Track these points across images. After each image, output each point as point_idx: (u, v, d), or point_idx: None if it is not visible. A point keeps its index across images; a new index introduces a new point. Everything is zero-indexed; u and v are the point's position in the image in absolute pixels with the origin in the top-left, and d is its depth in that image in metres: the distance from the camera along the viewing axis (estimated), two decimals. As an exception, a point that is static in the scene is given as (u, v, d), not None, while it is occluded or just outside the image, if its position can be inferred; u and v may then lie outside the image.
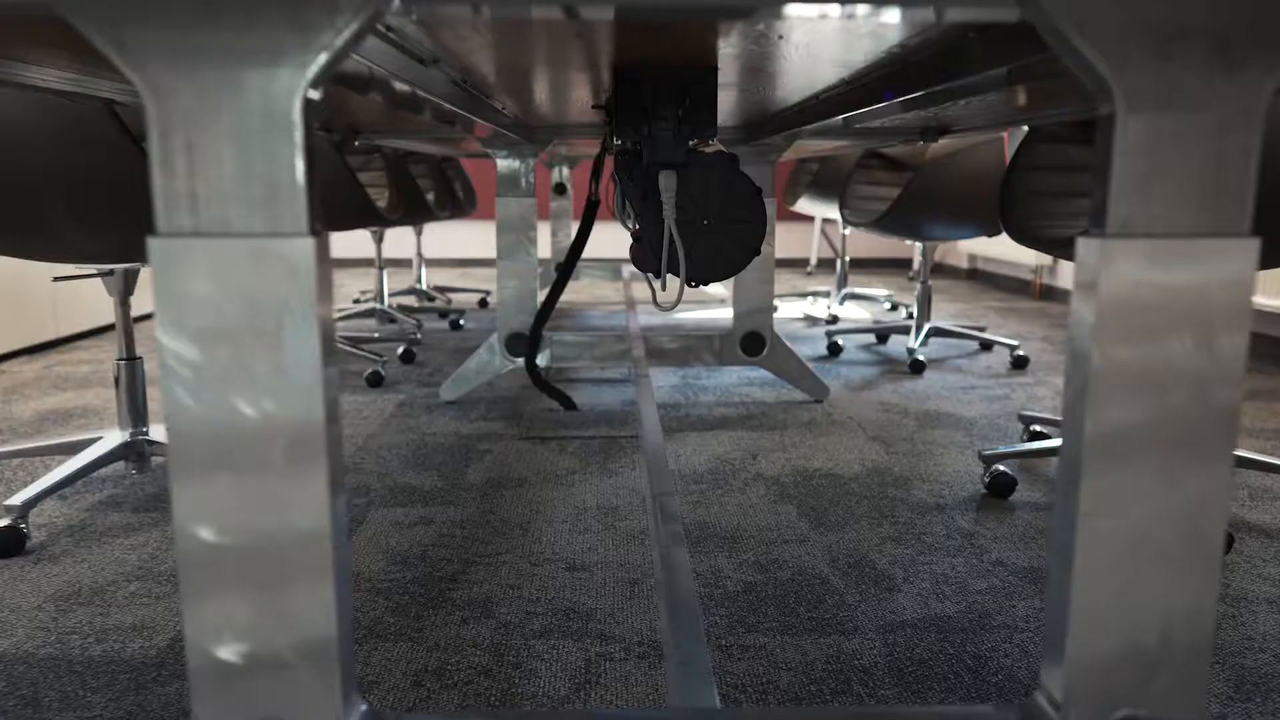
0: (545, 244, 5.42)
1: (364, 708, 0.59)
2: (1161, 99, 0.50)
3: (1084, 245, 0.53)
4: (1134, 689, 0.56)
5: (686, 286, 1.06)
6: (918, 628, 1.05)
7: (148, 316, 3.23)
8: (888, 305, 3.75)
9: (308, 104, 0.48)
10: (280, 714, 0.56)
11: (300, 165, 0.49)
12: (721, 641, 1.02)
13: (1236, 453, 1.48)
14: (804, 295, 3.95)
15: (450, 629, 1.04)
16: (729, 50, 0.90)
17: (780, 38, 0.83)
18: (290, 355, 0.51)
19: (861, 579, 1.18)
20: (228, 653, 0.54)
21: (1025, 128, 1.73)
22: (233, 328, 0.51)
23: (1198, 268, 0.52)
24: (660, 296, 3.62)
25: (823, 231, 5.49)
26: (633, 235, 1.08)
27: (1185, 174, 0.51)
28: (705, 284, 1.07)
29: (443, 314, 3.45)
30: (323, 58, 0.47)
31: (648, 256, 1.04)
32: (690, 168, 1.01)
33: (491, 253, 5.58)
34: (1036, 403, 2.13)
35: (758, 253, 1.08)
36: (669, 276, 1.06)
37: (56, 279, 1.66)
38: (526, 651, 0.99)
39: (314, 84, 0.47)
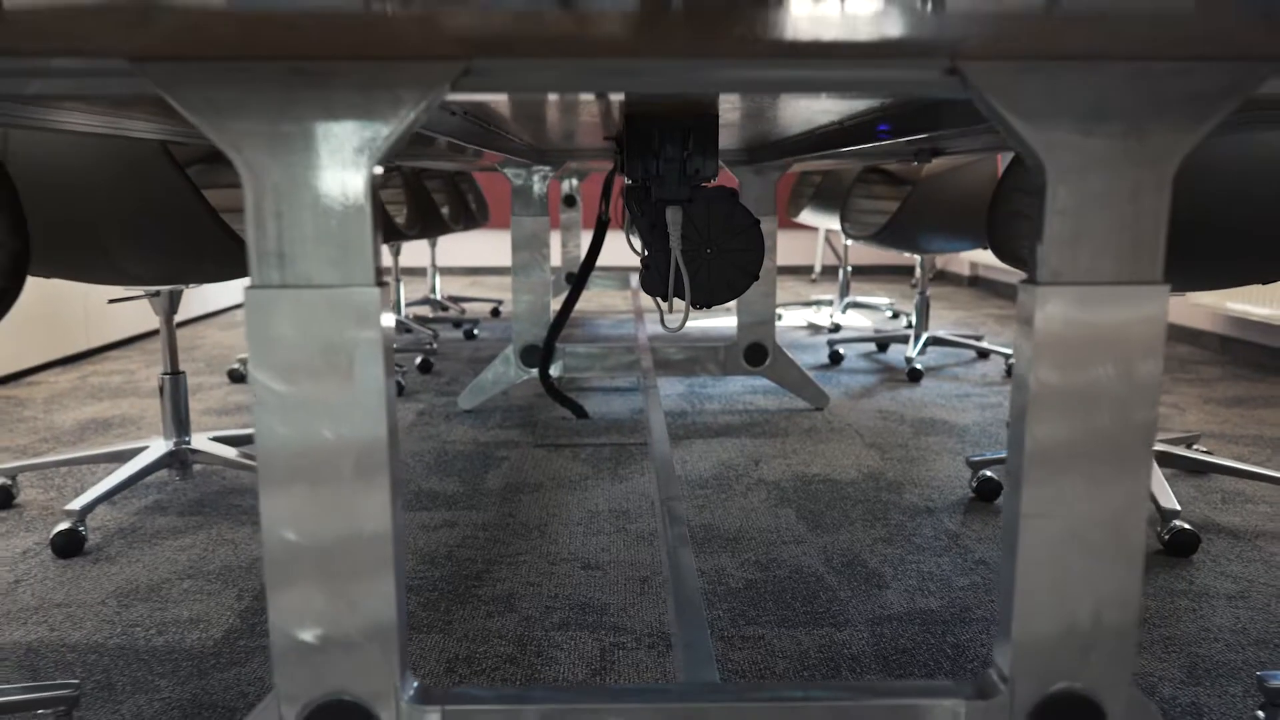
0: (556, 253, 5.53)
1: (416, 684, 0.69)
2: (1084, 169, 0.61)
3: (1023, 290, 0.63)
4: (1069, 665, 0.66)
5: (692, 309, 1.16)
6: (903, 620, 1.15)
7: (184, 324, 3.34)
8: (889, 313, 3.84)
9: (373, 177, 0.59)
10: (348, 687, 0.66)
11: (368, 228, 0.59)
12: (725, 633, 1.12)
13: (1212, 459, 1.57)
14: (808, 304, 4.04)
15: (477, 622, 1.15)
16: (728, 103, 1.01)
17: (773, 97, 0.93)
18: (359, 386, 0.61)
19: (853, 576, 1.28)
20: (305, 635, 0.65)
21: (1013, 153, 1.82)
22: (312, 363, 0.61)
23: (1117, 310, 0.62)
24: (667, 318, 3.73)
25: (826, 240, 5.58)
26: (642, 262, 1.18)
27: (1106, 232, 0.61)
28: (709, 307, 1.17)
29: (457, 324, 3.55)
30: (386, 142, 0.57)
31: (656, 282, 1.14)
32: (694, 202, 1.11)
33: (502, 261, 5.70)
34: (1028, 410, 2.22)
35: (756, 278, 1.18)
36: (675, 300, 1.16)
37: (111, 301, 1.77)
38: (547, 642, 1.10)
39: (379, 162, 0.58)
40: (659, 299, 1.16)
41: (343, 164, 0.58)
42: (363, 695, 0.66)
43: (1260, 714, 0.90)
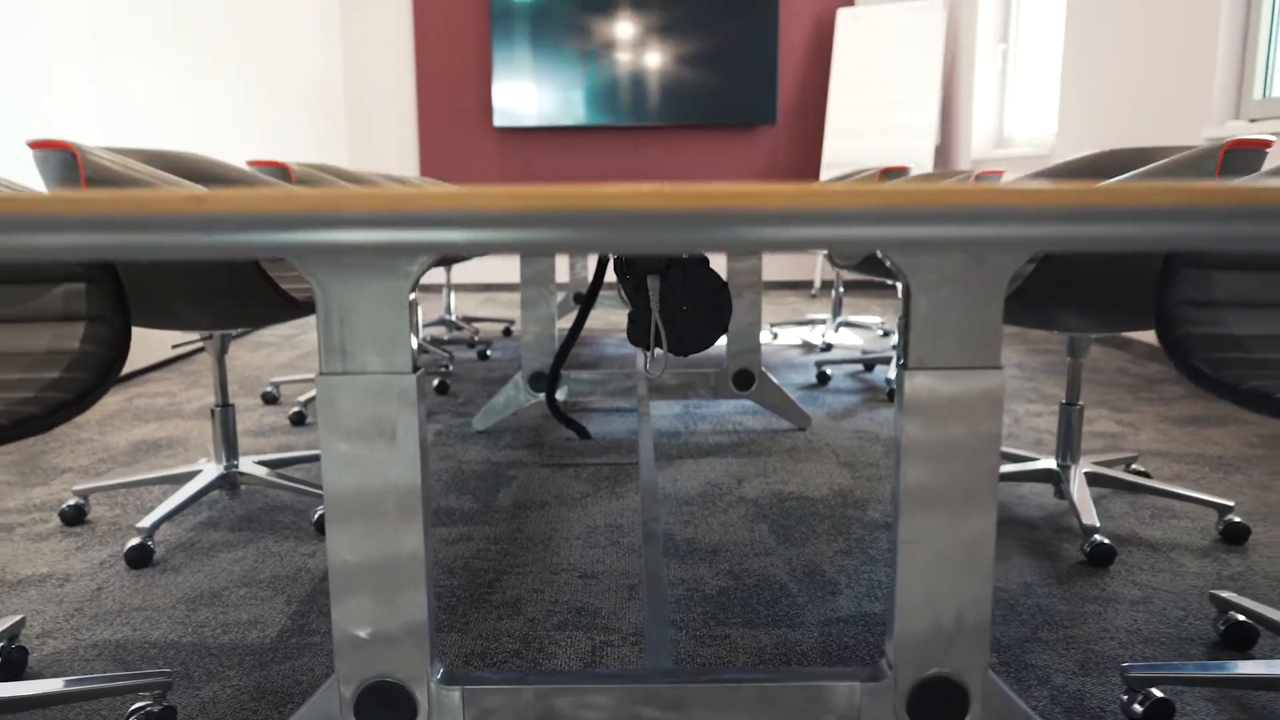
0: (564, 272, 5.75)
1: (443, 669, 0.90)
2: (939, 284, 0.81)
3: (898, 372, 0.84)
4: (939, 655, 0.87)
5: (670, 355, 1.37)
6: (849, 622, 1.35)
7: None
8: (880, 332, 4.04)
9: (410, 298, 0.81)
10: (391, 671, 0.87)
11: (406, 331, 0.81)
12: (697, 632, 1.33)
13: (1133, 479, 1.77)
14: (803, 323, 4.24)
15: (489, 623, 1.36)
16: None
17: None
18: (401, 447, 0.83)
19: (812, 585, 1.48)
20: (360, 631, 0.86)
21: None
22: (366, 430, 0.83)
23: (966, 387, 0.83)
24: (650, 365, 3.91)
25: (825, 255, 5.78)
26: (629, 317, 1.39)
27: (956, 330, 0.82)
28: (685, 356, 1.38)
29: (470, 344, 3.77)
30: (416, 273, 0.79)
31: (640, 336, 1.35)
32: (671, 269, 1.32)
33: (513, 277, 5.92)
34: (994, 430, 2.42)
35: (725, 330, 1.39)
36: (657, 350, 1.37)
37: (174, 346, 2.00)
38: (548, 640, 1.31)
39: (412, 289, 0.79)
40: (642, 348, 1.36)
41: (388, 289, 0.80)
42: (402, 678, 0.87)
43: (1124, 698, 1.10)
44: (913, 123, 5.02)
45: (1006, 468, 1.82)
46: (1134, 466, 1.99)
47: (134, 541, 1.57)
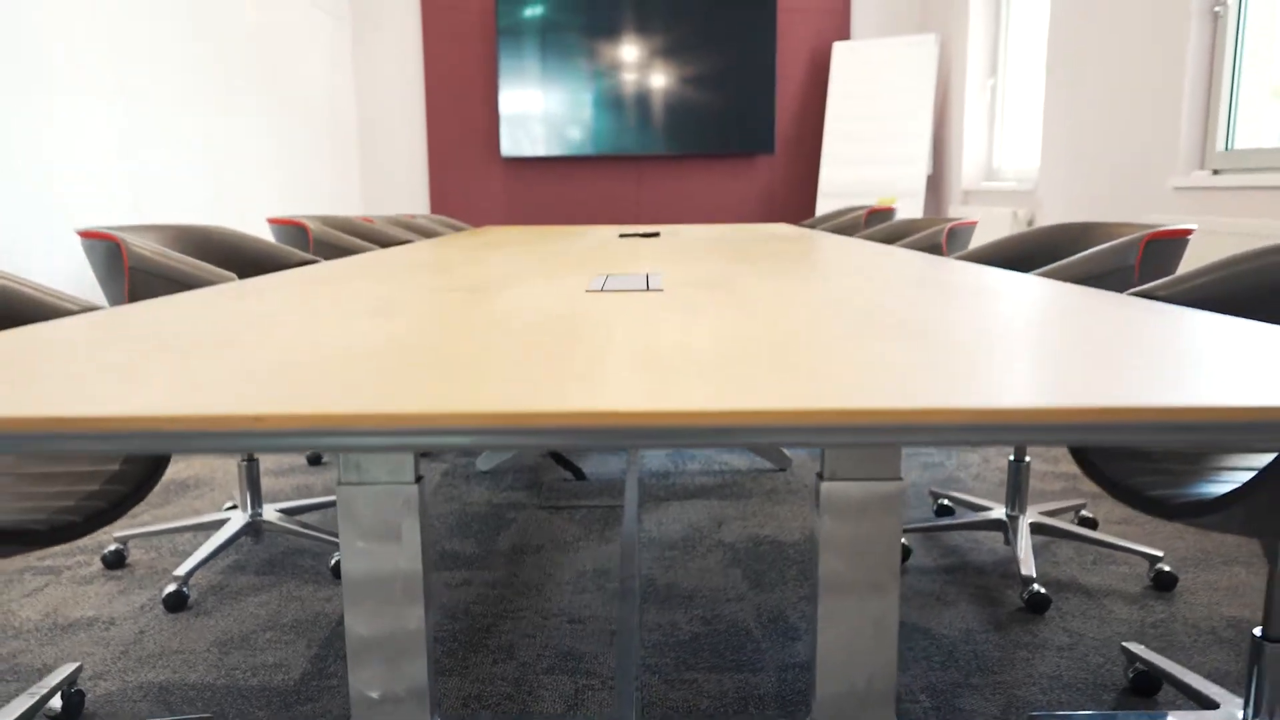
0: (569, 293, 5.93)
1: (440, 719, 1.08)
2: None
3: (815, 481, 1.01)
4: (854, 712, 1.04)
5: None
6: (805, 668, 1.53)
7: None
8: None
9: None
10: (398, 725, 1.05)
11: (410, 465, 0.99)
12: (668, 677, 1.50)
13: (1082, 531, 1.93)
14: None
15: (485, 667, 1.54)
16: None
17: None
18: (405, 543, 1.01)
19: (775, 630, 1.66)
20: (372, 692, 1.04)
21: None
22: (377, 528, 1.01)
23: (871, 493, 1.00)
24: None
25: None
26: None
27: (863, 454, 0.99)
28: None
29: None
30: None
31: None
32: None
33: (520, 301, 6.10)
34: (953, 481, 2.59)
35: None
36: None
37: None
38: (536, 684, 1.49)
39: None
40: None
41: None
42: (407, 730, 1.05)
43: (1031, 742, 1.27)
44: (906, 153, 5.19)
45: (961, 518, 1.99)
46: (1082, 513, 2.16)
47: (171, 588, 1.76)
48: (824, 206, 5.47)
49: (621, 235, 3.04)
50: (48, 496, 1.13)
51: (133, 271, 1.64)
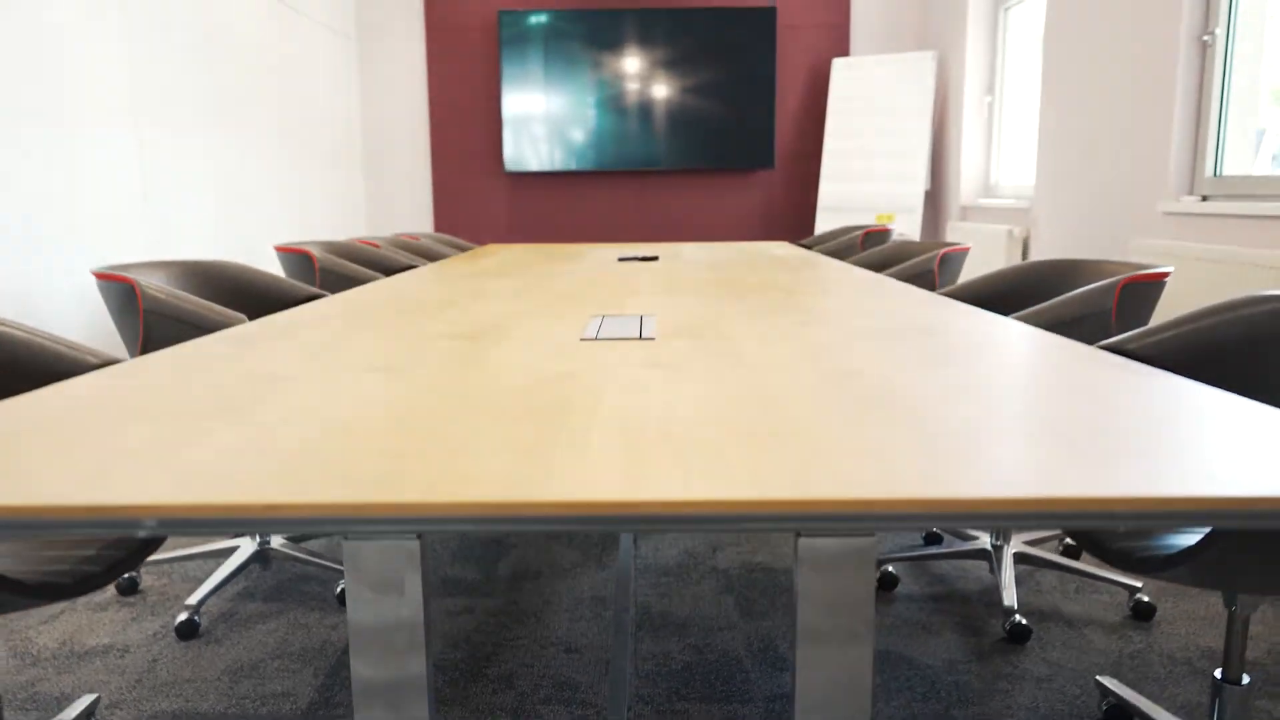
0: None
1: (440, 759, 1.14)
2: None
3: (795, 538, 1.07)
4: (829, 755, 1.10)
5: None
6: (791, 699, 1.58)
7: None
8: (868, 377, 4.26)
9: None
10: (400, 764, 1.11)
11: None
12: (660, 707, 1.56)
13: (1063, 560, 1.99)
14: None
15: (485, 696, 1.60)
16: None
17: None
18: (407, 594, 1.07)
19: (765, 660, 1.72)
20: (376, 734, 1.10)
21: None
22: (380, 582, 1.07)
23: (845, 548, 1.06)
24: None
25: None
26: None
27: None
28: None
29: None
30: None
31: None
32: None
33: (523, 313, 6.17)
34: (954, 494, 2.65)
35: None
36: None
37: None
38: (534, 713, 1.55)
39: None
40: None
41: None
42: (409, 769, 1.11)
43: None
44: (904, 169, 5.24)
45: (948, 547, 2.04)
46: (1066, 541, 2.22)
47: (183, 617, 1.83)
48: (823, 221, 5.53)
49: (621, 259, 3.11)
50: (70, 546, 1.19)
51: (147, 314, 1.71)
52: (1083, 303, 1.66)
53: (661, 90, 5.61)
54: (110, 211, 3.04)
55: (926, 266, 2.78)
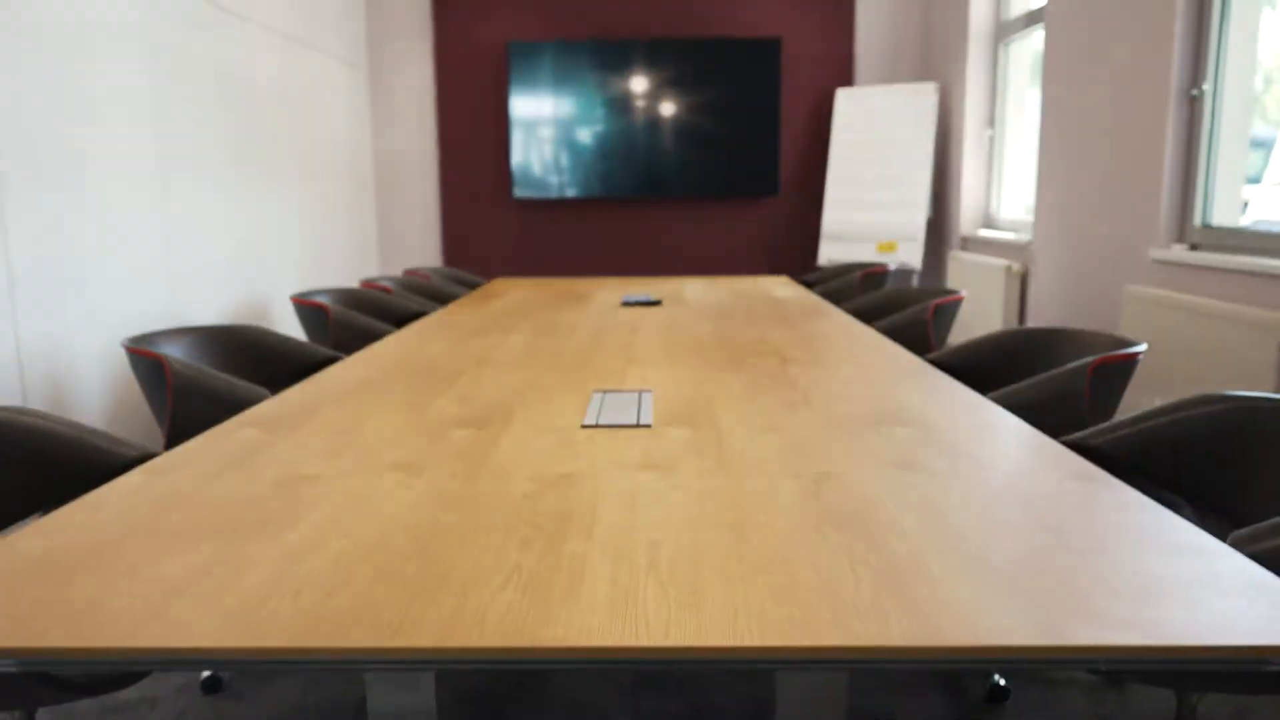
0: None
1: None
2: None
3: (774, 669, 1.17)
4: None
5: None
6: (781, 758, 1.68)
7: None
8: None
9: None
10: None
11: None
12: (657, 767, 1.66)
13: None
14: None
15: (493, 755, 1.70)
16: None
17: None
18: (423, 710, 1.17)
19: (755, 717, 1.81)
20: (391, 812, 1.20)
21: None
22: (399, 710, 1.17)
23: (821, 679, 1.15)
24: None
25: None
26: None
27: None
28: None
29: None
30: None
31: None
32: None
33: (532, 337, 6.28)
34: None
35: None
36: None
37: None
38: (538, 773, 1.65)
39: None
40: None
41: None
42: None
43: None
44: (906, 198, 5.33)
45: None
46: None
47: (208, 672, 1.93)
48: (827, 249, 5.62)
49: (624, 303, 3.20)
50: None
51: (176, 390, 1.82)
52: (1057, 383, 1.75)
53: (668, 118, 5.71)
54: (135, 265, 3.16)
55: (920, 317, 2.88)
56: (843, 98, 5.58)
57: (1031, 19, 4.52)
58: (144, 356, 1.85)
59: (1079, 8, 3.80)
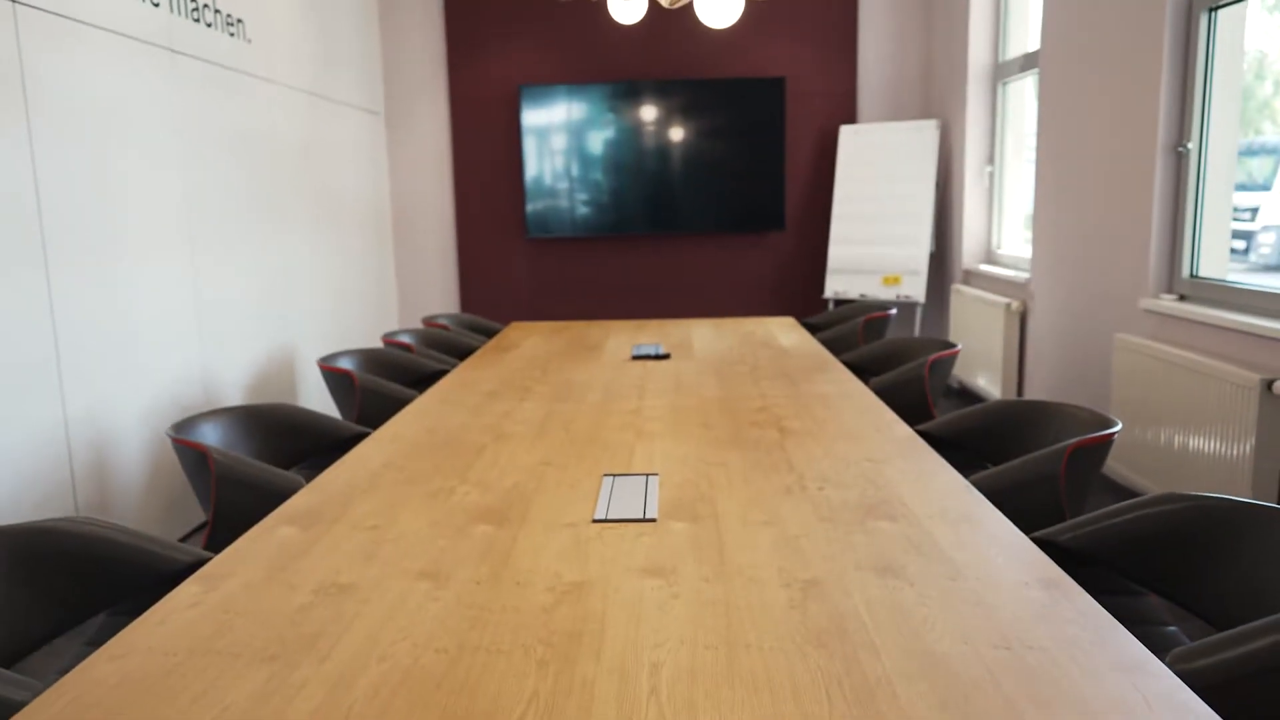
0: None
1: None
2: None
3: None
4: None
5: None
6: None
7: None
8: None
9: None
10: None
11: None
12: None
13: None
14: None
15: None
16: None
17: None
18: (450, 780, 1.30)
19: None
20: None
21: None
22: (428, 769, 1.30)
23: None
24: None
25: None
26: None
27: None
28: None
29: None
30: None
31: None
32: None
33: (546, 369, 6.43)
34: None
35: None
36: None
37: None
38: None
39: None
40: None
41: None
42: None
43: None
44: (910, 232, 5.46)
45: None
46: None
47: None
48: (833, 282, 5.75)
49: (634, 356, 3.34)
50: None
51: (218, 479, 1.97)
52: (1035, 466, 1.88)
53: (677, 157, 5.86)
54: (168, 327, 3.32)
55: (917, 373, 3.00)
56: (847, 134, 5.71)
57: (1028, 61, 4.64)
58: (189, 448, 2.00)
59: (1070, 58, 3.92)
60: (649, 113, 5.82)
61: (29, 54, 2.67)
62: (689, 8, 5.80)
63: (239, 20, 3.87)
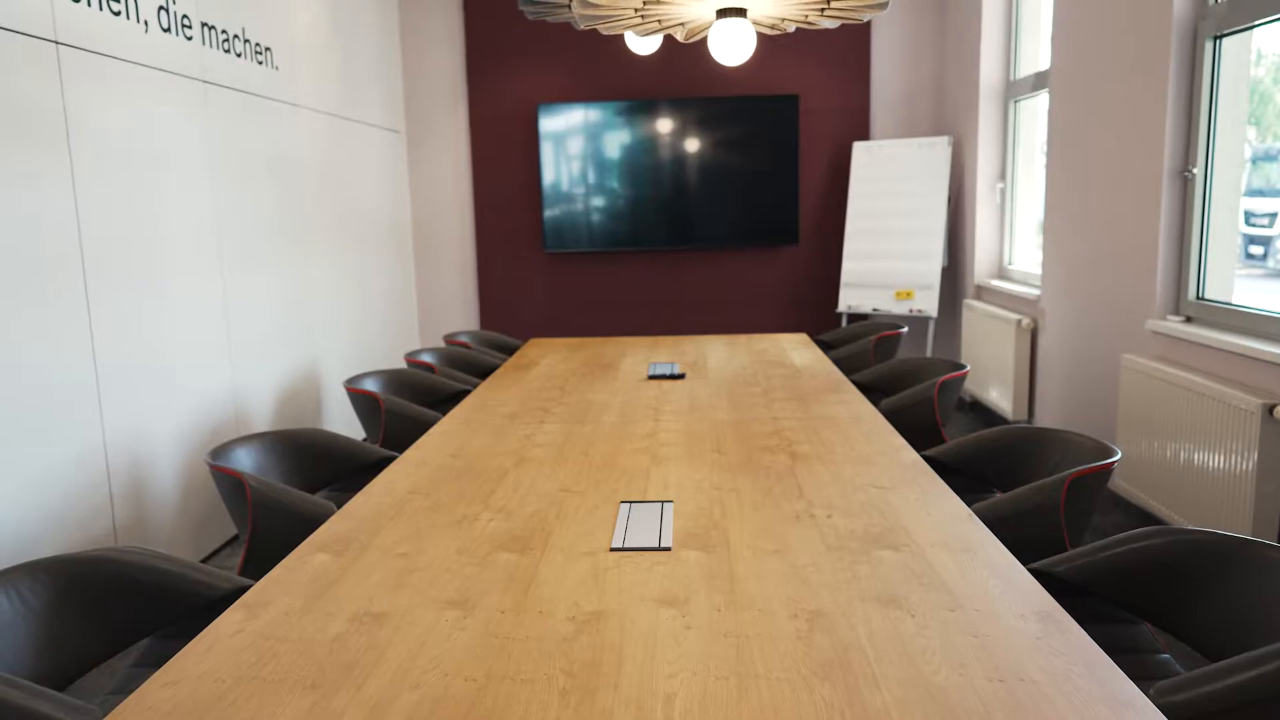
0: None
1: None
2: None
3: None
4: None
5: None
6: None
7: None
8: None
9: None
10: None
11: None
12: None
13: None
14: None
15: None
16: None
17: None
18: (477, 799, 1.39)
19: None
20: None
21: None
22: (456, 789, 1.39)
23: None
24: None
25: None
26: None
27: None
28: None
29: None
30: None
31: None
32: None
33: (563, 381, 6.53)
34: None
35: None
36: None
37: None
38: None
39: None
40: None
41: None
42: None
43: None
44: (922, 247, 5.52)
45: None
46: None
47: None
48: (846, 296, 5.81)
49: (650, 376, 3.42)
50: None
51: (255, 505, 2.06)
52: (1034, 496, 1.95)
53: (692, 173, 5.95)
54: (201, 347, 3.44)
55: (927, 394, 3.07)
56: (860, 150, 5.78)
57: (1039, 81, 4.70)
58: (226, 474, 2.10)
59: (1079, 81, 3.98)
60: (664, 129, 5.91)
61: (71, 92, 2.79)
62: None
63: (267, 48, 3.99)
